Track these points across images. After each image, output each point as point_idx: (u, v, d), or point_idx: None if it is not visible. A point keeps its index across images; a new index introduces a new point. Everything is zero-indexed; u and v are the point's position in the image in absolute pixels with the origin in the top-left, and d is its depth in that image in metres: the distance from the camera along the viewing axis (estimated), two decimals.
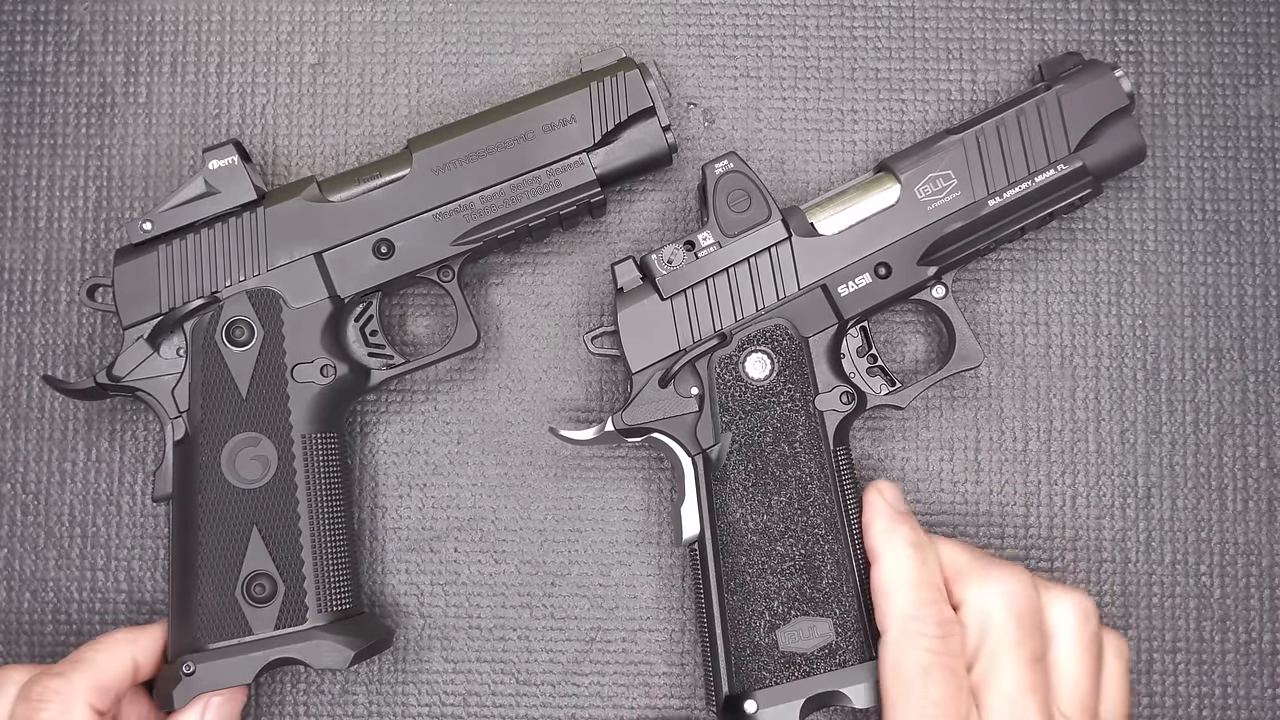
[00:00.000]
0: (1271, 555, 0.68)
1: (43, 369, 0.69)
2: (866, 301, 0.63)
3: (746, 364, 0.62)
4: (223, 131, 0.70)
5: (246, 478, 0.61)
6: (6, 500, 0.68)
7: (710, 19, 0.70)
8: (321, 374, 0.63)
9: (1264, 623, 0.67)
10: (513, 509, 0.68)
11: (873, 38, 0.70)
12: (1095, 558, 0.68)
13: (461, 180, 0.64)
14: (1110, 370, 0.69)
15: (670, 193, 0.69)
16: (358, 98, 0.70)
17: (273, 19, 0.71)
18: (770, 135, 0.70)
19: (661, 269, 0.63)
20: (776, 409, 0.62)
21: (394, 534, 0.68)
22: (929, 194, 0.63)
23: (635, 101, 0.64)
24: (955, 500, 0.68)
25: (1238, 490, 0.68)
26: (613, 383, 0.68)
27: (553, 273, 0.69)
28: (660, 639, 0.67)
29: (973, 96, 0.70)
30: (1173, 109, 0.70)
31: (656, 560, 0.68)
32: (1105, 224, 0.69)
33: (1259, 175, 0.69)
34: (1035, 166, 0.63)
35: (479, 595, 0.68)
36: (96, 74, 0.70)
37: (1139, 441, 0.68)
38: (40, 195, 0.70)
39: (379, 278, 0.64)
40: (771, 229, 0.63)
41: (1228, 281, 0.69)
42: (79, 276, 0.69)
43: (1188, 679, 0.67)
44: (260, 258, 0.63)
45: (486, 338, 0.69)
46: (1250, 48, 0.70)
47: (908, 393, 0.64)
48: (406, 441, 0.68)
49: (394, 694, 0.67)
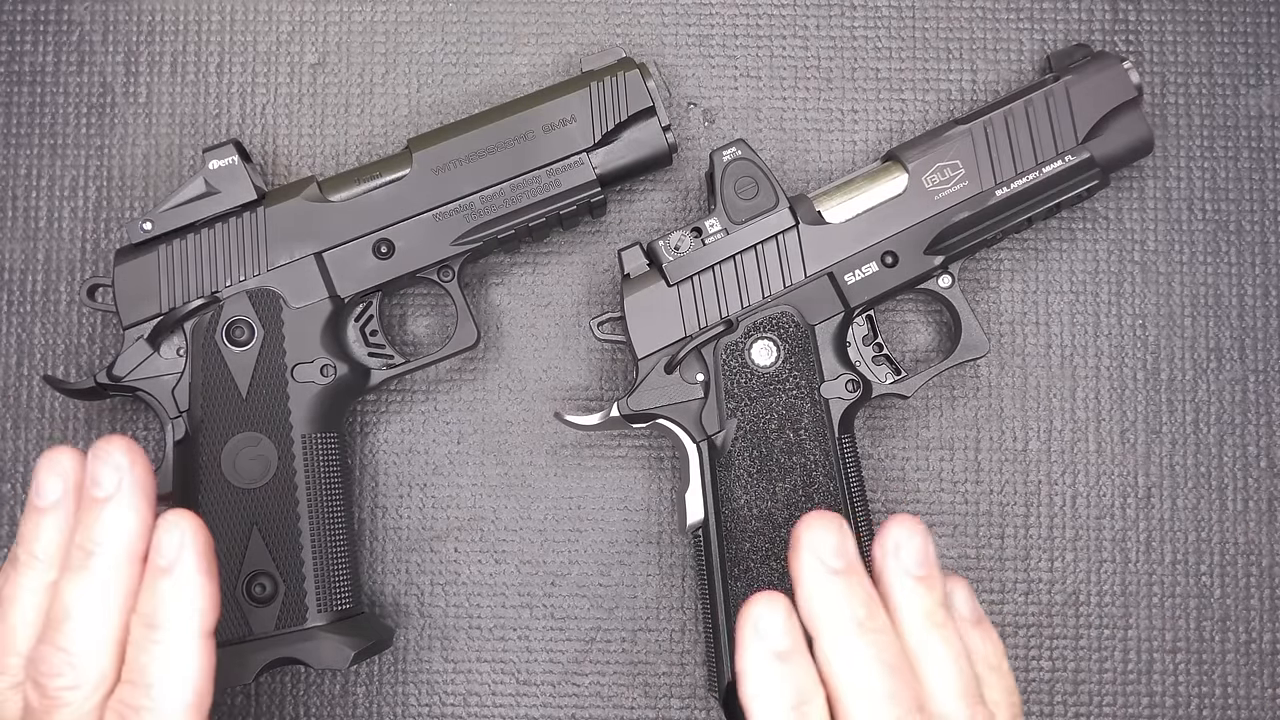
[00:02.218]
0: (1271, 555, 0.68)
1: (43, 369, 0.69)
2: (873, 290, 0.63)
3: (752, 351, 0.62)
4: (223, 131, 0.70)
5: (247, 478, 0.61)
6: (6, 500, 0.68)
7: (710, 19, 0.70)
8: (322, 374, 0.63)
9: (1264, 623, 0.67)
10: (513, 509, 0.68)
11: (873, 38, 0.70)
12: (1095, 558, 0.68)
13: (461, 180, 0.64)
14: (1110, 370, 0.69)
15: (670, 192, 0.69)
16: (358, 98, 0.70)
17: (273, 19, 0.71)
18: (770, 135, 0.70)
19: (669, 255, 0.63)
20: (782, 396, 0.62)
21: (394, 534, 0.68)
22: (936, 183, 0.63)
23: (635, 101, 0.64)
24: (955, 500, 0.68)
25: (1238, 490, 0.68)
26: (615, 373, 0.68)
27: (553, 273, 0.69)
28: (660, 639, 0.67)
29: (973, 96, 0.70)
30: (1173, 109, 0.70)
31: (657, 560, 0.68)
32: (1105, 224, 0.69)
33: (1259, 175, 0.69)
34: (1043, 157, 0.64)
35: (479, 595, 0.68)
36: (96, 74, 0.70)
37: (1139, 441, 0.68)
38: (40, 195, 0.70)
39: (379, 278, 0.64)
40: (779, 216, 0.63)
41: (1228, 281, 0.69)
42: (79, 276, 0.69)
43: (1188, 679, 0.67)
44: (260, 258, 0.63)
45: (486, 338, 0.69)
46: (1250, 48, 0.70)
47: (913, 381, 0.64)
48: (406, 441, 0.68)
49: (394, 694, 0.67)
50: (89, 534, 0.49)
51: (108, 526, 0.49)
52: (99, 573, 0.49)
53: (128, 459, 0.50)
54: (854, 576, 0.52)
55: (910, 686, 0.51)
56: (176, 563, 0.48)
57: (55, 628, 0.48)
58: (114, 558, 0.49)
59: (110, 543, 0.49)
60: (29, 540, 0.50)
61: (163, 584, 0.48)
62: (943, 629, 0.52)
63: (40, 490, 0.50)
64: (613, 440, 0.68)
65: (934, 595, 0.53)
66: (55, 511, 0.50)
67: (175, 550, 0.49)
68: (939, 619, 0.53)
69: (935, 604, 0.53)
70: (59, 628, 0.48)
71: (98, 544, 0.49)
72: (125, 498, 0.49)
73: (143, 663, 0.48)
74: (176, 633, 0.48)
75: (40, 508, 0.50)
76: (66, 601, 0.48)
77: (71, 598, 0.48)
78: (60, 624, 0.48)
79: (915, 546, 0.53)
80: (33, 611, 0.49)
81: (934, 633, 0.52)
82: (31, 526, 0.50)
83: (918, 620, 0.52)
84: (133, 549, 0.49)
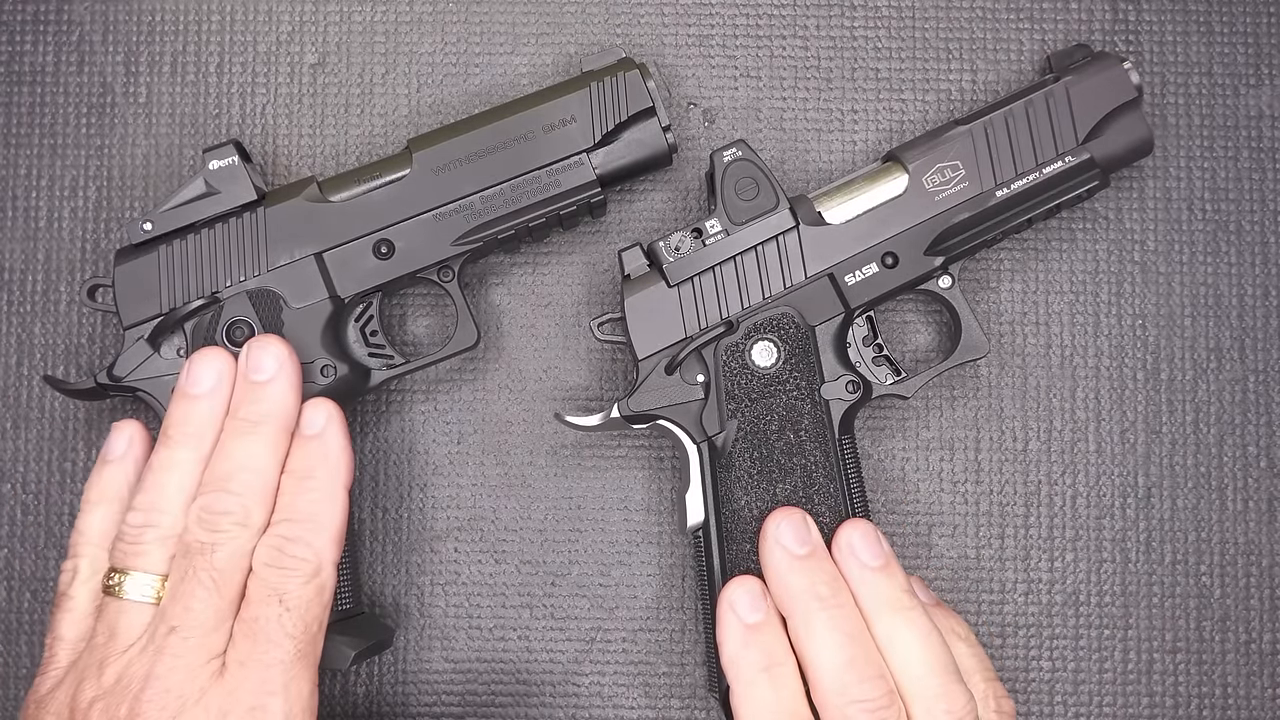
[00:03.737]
0: (1271, 555, 0.68)
1: (43, 369, 0.69)
2: (873, 291, 0.63)
3: (753, 352, 0.62)
4: (223, 131, 0.70)
5: None
6: (6, 500, 0.68)
7: (710, 19, 0.70)
8: (322, 374, 0.63)
9: (1264, 623, 0.67)
10: (513, 509, 0.68)
11: (873, 38, 0.70)
12: (1095, 558, 0.68)
13: (462, 180, 0.64)
14: (1110, 370, 0.69)
15: (670, 192, 0.69)
16: (358, 98, 0.70)
17: (273, 19, 0.71)
18: (770, 135, 0.70)
19: (669, 256, 0.63)
20: (782, 397, 0.62)
21: (394, 534, 0.68)
22: (937, 184, 0.63)
23: (635, 101, 0.64)
24: (955, 500, 0.68)
25: (1238, 490, 0.68)
26: (615, 374, 0.68)
27: (553, 273, 0.69)
28: (660, 639, 0.68)
29: (973, 96, 0.70)
30: (1173, 109, 0.70)
31: (657, 560, 0.68)
32: (1105, 224, 0.69)
33: (1259, 175, 0.69)
34: (1043, 158, 0.64)
35: (479, 595, 0.68)
36: (96, 74, 0.70)
37: (1139, 441, 0.68)
38: (40, 195, 0.70)
39: (379, 278, 0.64)
40: (779, 217, 0.63)
41: (1228, 281, 0.69)
42: (79, 276, 0.69)
43: (1188, 679, 0.67)
44: (260, 258, 0.63)
45: (486, 338, 0.69)
46: (1250, 48, 0.70)
47: (913, 382, 0.64)
48: (406, 441, 0.68)
49: (394, 694, 0.67)
50: (254, 407, 0.58)
51: (272, 399, 0.58)
52: (266, 435, 0.58)
53: (285, 350, 0.59)
54: (816, 560, 0.58)
55: (870, 656, 0.56)
56: (325, 430, 0.58)
57: (227, 478, 0.57)
58: (276, 425, 0.58)
59: (273, 414, 0.58)
60: (182, 422, 0.58)
61: (313, 445, 0.58)
62: (908, 612, 0.57)
63: (196, 380, 0.59)
64: (613, 441, 0.68)
65: (894, 582, 0.58)
66: (209, 398, 0.59)
67: (323, 421, 0.59)
68: (904, 604, 0.57)
69: (898, 590, 0.57)
70: (231, 477, 0.57)
71: (263, 414, 0.58)
72: (285, 379, 0.59)
73: (298, 504, 0.57)
74: (326, 481, 0.58)
75: (195, 394, 0.59)
76: (239, 458, 0.57)
77: (244, 455, 0.57)
78: (232, 475, 0.57)
79: (867, 541, 0.58)
80: (186, 477, 0.57)
81: (898, 616, 0.57)
82: (184, 410, 0.59)
83: (881, 608, 0.57)
84: (288, 420, 0.59)
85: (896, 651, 0.56)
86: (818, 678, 0.56)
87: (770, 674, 0.56)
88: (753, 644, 0.57)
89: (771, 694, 0.56)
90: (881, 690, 0.55)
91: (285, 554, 0.56)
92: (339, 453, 0.58)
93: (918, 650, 0.56)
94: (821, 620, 0.56)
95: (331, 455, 0.58)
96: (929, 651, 0.56)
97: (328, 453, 0.58)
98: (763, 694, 0.56)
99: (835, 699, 0.55)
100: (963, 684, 0.56)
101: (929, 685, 0.56)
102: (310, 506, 0.57)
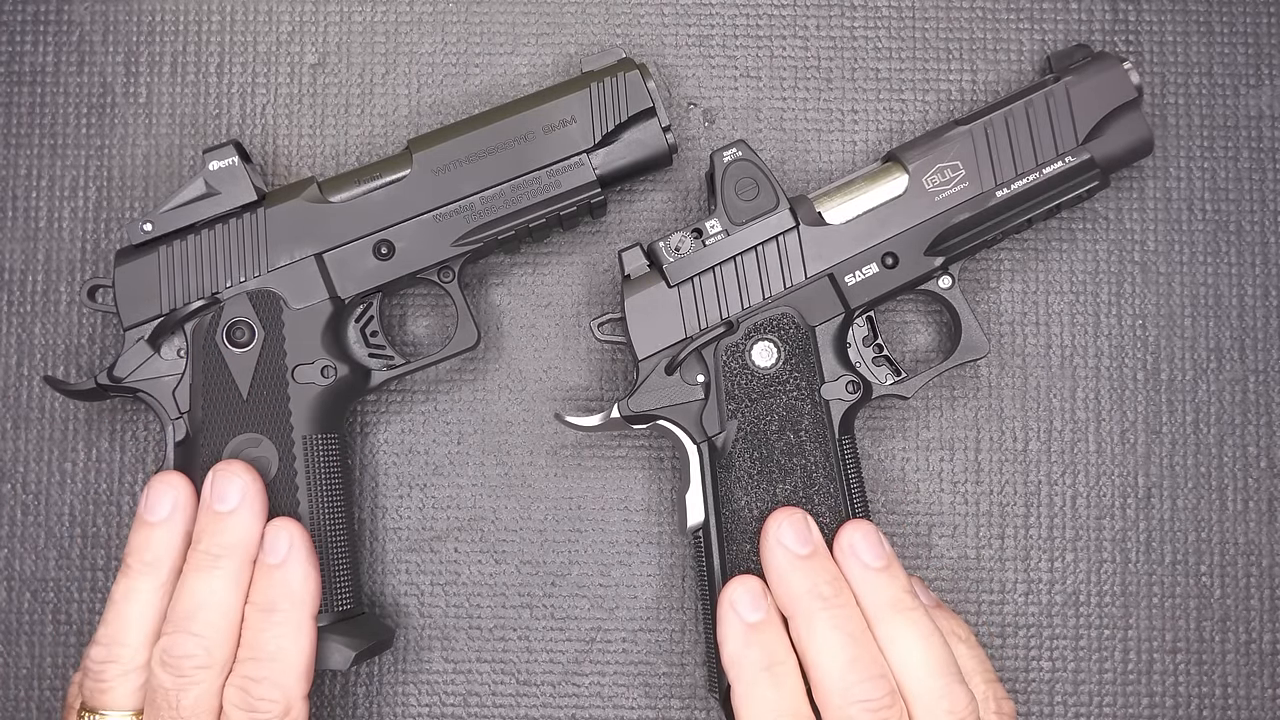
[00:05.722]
0: (1271, 555, 0.68)
1: (43, 369, 0.69)
2: (873, 291, 0.63)
3: (753, 352, 0.62)
4: (223, 131, 0.70)
5: None
6: (6, 500, 0.68)
7: (710, 19, 0.70)
8: (322, 375, 0.63)
9: (1264, 623, 0.67)
10: (513, 509, 0.68)
11: (873, 38, 0.70)
12: (1095, 558, 0.68)
13: (462, 181, 0.64)
14: (1110, 370, 0.69)
15: (671, 192, 0.69)
16: (358, 98, 0.70)
17: (273, 19, 0.71)
18: (770, 135, 0.70)
19: (669, 256, 0.63)
20: (782, 397, 0.62)
21: (394, 534, 0.68)
22: (937, 184, 0.63)
23: (635, 102, 0.64)
24: (955, 500, 0.68)
25: (1238, 490, 0.68)
26: (615, 374, 0.68)
27: (553, 273, 0.69)
28: (660, 639, 0.68)
29: (973, 96, 0.70)
30: (1173, 109, 0.70)
31: (657, 560, 0.68)
32: (1105, 224, 0.69)
33: (1259, 175, 0.69)
34: (1043, 158, 0.64)
35: (479, 595, 0.68)
36: (96, 74, 0.70)
37: (1139, 441, 0.68)
38: (40, 195, 0.70)
39: (379, 278, 0.64)
40: (779, 218, 0.63)
41: (1228, 281, 0.69)
42: (79, 277, 0.69)
43: (1188, 679, 0.67)
44: (261, 259, 0.63)
45: (486, 338, 0.69)
46: (1250, 48, 0.70)
47: (913, 382, 0.64)
48: (406, 442, 0.68)
49: (394, 694, 0.67)
50: (215, 540, 0.58)
51: (234, 533, 0.58)
52: (228, 570, 0.57)
53: (250, 476, 0.59)
54: (818, 560, 0.58)
55: (873, 656, 0.56)
56: (288, 559, 0.58)
57: (188, 618, 0.56)
58: (239, 559, 0.58)
59: (236, 546, 0.58)
60: (141, 550, 0.58)
61: (276, 575, 0.58)
62: (910, 613, 0.57)
63: (152, 507, 0.59)
64: (613, 441, 0.68)
65: (896, 583, 0.58)
66: (165, 526, 0.58)
67: (285, 548, 0.58)
68: (906, 604, 0.58)
69: (899, 591, 0.58)
70: (192, 617, 0.56)
71: (225, 547, 0.58)
72: (249, 509, 0.58)
73: (262, 640, 0.57)
74: (290, 614, 0.57)
75: (151, 522, 0.58)
76: (199, 596, 0.57)
77: (204, 593, 0.57)
78: (193, 614, 0.56)
79: (869, 542, 0.58)
80: (148, 608, 0.57)
81: (900, 616, 0.57)
82: (143, 538, 0.58)
83: (883, 609, 0.57)
84: (251, 552, 0.58)
85: (898, 652, 0.57)
86: (820, 677, 0.56)
87: (772, 673, 0.57)
88: (754, 643, 0.57)
89: (773, 693, 0.56)
90: (884, 690, 0.55)
91: (253, 696, 0.56)
92: (302, 581, 0.58)
93: (920, 651, 0.56)
94: (824, 620, 0.56)
95: (294, 586, 0.58)
96: (931, 652, 0.56)
97: (290, 584, 0.58)
98: (764, 693, 0.56)
99: (837, 699, 0.55)
100: (964, 684, 0.56)
101: (931, 686, 0.56)
102: (275, 643, 0.57)
